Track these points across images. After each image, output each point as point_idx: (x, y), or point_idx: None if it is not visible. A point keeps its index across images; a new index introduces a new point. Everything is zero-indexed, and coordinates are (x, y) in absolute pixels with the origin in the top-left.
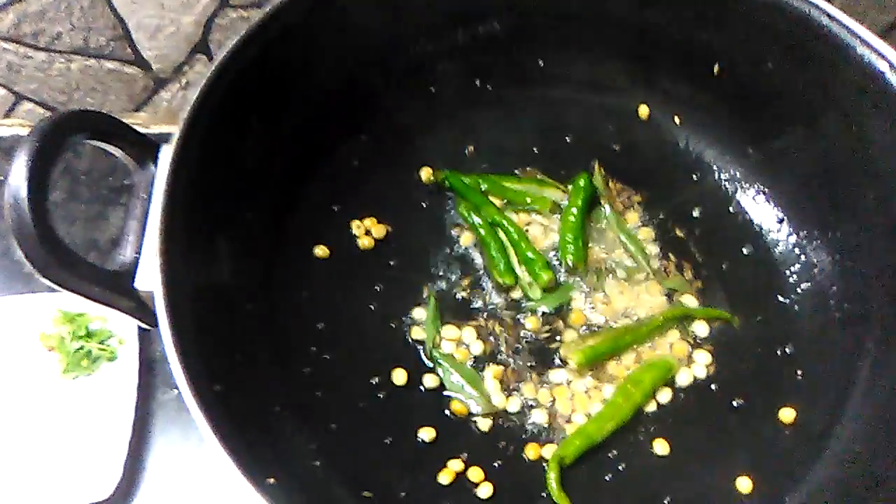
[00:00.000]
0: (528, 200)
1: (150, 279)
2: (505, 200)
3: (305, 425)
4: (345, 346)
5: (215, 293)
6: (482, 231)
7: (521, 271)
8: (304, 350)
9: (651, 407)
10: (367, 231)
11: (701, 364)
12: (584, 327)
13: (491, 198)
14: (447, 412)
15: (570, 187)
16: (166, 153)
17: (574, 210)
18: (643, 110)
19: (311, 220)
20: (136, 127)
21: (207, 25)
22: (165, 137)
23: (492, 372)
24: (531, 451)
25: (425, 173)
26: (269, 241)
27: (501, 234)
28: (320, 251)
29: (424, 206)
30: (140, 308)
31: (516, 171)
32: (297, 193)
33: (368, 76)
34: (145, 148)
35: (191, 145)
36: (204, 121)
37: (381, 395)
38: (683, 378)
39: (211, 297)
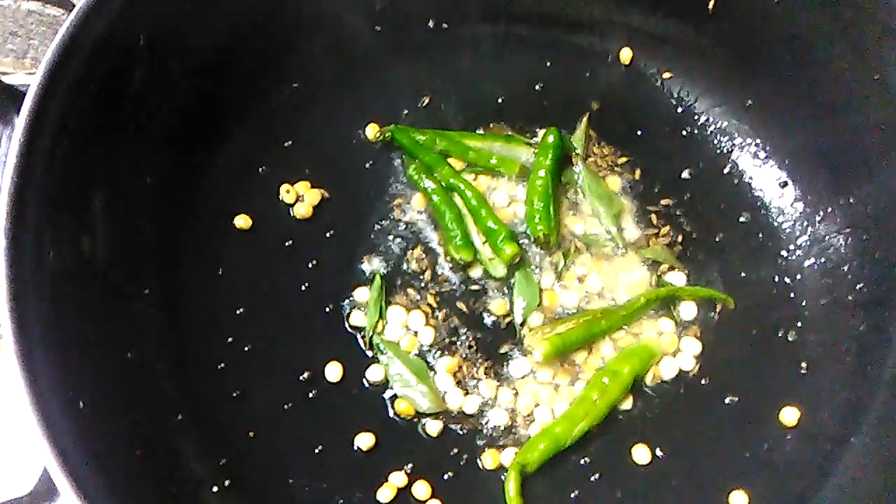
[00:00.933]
0: (493, 161)
1: None
2: (465, 162)
3: (213, 435)
4: (269, 336)
5: (89, 277)
6: (435, 197)
7: (480, 245)
8: (219, 341)
9: (629, 404)
10: (299, 197)
11: (688, 353)
12: (554, 311)
13: (449, 158)
14: (390, 414)
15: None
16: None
17: (542, 172)
18: (625, 54)
19: (230, 183)
20: None
21: None
22: None
23: (444, 364)
24: (489, 459)
25: (372, 130)
26: (175, 209)
27: (459, 201)
28: (241, 221)
29: (368, 167)
30: None
31: (479, 131)
32: (213, 150)
33: (297, 9)
34: (6, 99)
35: (59, 83)
36: (79, 52)
37: (312, 395)
38: (668, 370)
39: (84, 283)
